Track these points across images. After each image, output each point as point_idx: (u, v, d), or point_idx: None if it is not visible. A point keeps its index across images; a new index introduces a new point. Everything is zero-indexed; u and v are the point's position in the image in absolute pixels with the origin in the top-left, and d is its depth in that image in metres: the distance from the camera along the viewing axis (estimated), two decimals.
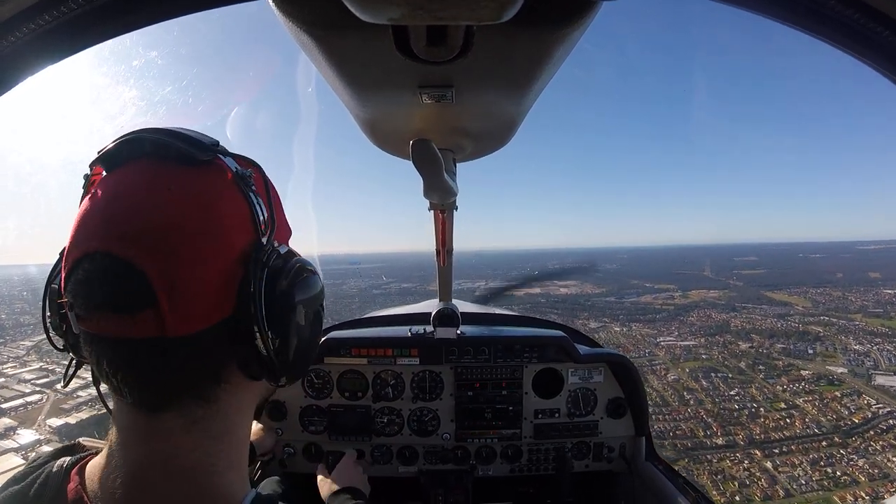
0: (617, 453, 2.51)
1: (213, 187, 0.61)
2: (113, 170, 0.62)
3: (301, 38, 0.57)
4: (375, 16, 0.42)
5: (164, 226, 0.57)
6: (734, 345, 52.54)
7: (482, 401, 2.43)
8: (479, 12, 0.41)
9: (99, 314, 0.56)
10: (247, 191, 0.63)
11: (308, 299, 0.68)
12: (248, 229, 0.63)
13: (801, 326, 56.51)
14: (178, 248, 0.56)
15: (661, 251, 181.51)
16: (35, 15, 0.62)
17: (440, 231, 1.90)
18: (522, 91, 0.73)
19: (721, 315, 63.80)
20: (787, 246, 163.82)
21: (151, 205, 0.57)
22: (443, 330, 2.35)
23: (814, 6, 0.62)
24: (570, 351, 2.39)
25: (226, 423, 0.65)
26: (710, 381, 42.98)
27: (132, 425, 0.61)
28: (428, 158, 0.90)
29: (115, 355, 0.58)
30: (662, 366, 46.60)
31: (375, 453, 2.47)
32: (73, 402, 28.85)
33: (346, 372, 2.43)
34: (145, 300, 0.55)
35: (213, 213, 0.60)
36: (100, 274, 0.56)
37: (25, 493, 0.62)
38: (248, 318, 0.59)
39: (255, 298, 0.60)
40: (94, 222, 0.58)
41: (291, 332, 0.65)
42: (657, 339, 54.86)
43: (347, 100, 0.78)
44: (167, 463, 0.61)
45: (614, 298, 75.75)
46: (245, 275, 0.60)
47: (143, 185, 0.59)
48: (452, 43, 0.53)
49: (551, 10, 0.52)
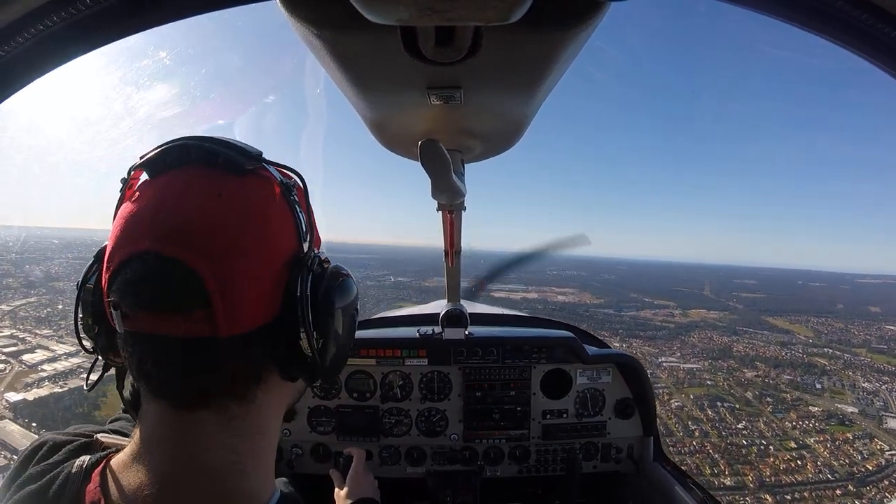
0: (625, 454, 2.49)
1: (261, 196, 0.64)
2: (157, 175, 0.63)
3: (309, 38, 0.58)
4: (384, 17, 0.42)
5: (216, 229, 0.58)
6: (739, 372, 50.74)
7: (490, 401, 2.43)
8: (487, 13, 0.41)
9: (148, 313, 0.57)
10: (291, 200, 0.66)
11: (346, 304, 0.71)
12: (293, 237, 0.66)
13: (806, 357, 55.04)
14: (230, 252, 0.58)
15: (659, 266, 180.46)
16: (43, 16, 0.63)
17: (448, 232, 1.89)
18: (530, 92, 0.73)
19: (723, 338, 62.25)
20: (786, 272, 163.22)
21: (203, 209, 0.59)
22: (451, 331, 2.36)
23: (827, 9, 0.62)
24: (578, 351, 2.40)
25: (259, 422, 0.67)
26: (717, 411, 40.91)
27: (165, 424, 0.62)
28: (436, 159, 0.88)
29: (160, 354, 0.59)
30: (665, 390, 44.22)
31: (383, 454, 2.47)
32: (36, 376, 27.02)
33: (355, 372, 2.43)
34: (198, 300, 0.56)
35: (262, 220, 0.62)
36: (152, 273, 0.57)
37: (44, 493, 0.61)
38: (293, 321, 0.62)
39: (303, 302, 0.62)
40: (143, 224, 0.59)
41: (331, 334, 0.67)
42: (659, 358, 52.87)
43: (356, 100, 0.79)
44: (195, 461, 0.61)
45: (613, 311, 74.85)
46: (290, 279, 0.63)
47: (193, 190, 0.61)
48: (461, 44, 0.53)
49: (559, 11, 0.51)
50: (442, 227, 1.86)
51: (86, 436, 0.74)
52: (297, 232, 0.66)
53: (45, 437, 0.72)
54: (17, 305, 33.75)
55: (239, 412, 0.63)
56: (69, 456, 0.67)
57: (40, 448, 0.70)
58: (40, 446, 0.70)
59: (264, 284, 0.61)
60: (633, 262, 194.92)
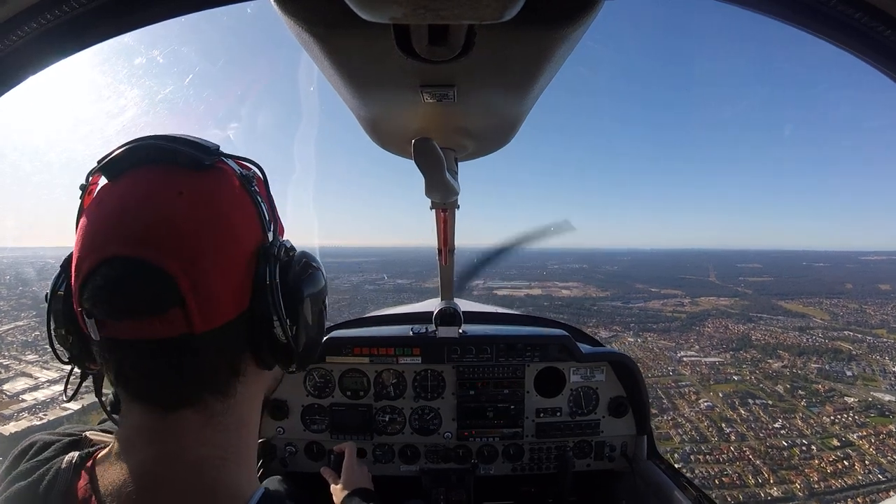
0: (619, 452, 2.49)
1: (221, 190, 0.64)
2: (116, 178, 0.63)
3: (303, 37, 0.57)
4: (377, 15, 0.42)
5: (181, 228, 0.58)
6: (764, 363, 48.21)
7: (484, 400, 2.43)
8: (480, 11, 0.41)
9: (124, 318, 0.57)
10: (251, 191, 0.67)
11: (315, 292, 0.72)
12: (256, 227, 0.66)
13: (828, 342, 52.77)
14: (198, 249, 0.58)
15: (661, 255, 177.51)
16: (36, 14, 0.62)
17: (442, 230, 1.90)
18: (524, 90, 0.73)
19: (738, 326, 60.01)
20: (790, 254, 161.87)
21: (166, 208, 0.59)
22: (445, 329, 2.37)
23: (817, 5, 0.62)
24: (571, 350, 2.40)
25: (240, 415, 0.67)
26: (749, 410, 38.19)
27: (146, 426, 0.62)
28: (430, 157, 0.90)
29: (139, 358, 0.59)
30: (692, 389, 40.99)
31: (377, 452, 2.46)
32: (16, 406, 25.09)
33: (348, 371, 2.43)
34: (172, 299, 0.56)
35: (226, 214, 0.63)
36: (123, 278, 0.56)
37: (34, 489, 0.61)
38: (266, 309, 0.63)
39: (273, 290, 0.63)
40: (107, 229, 0.59)
41: (302, 320, 0.69)
42: (677, 353, 50.14)
43: (349, 99, 0.79)
44: (178, 458, 0.62)
45: (621, 303, 72.64)
46: (258, 269, 0.64)
47: (154, 190, 0.60)
48: (454, 42, 0.53)
49: (553, 10, 0.51)
50: (436, 226, 1.87)
51: (74, 434, 0.74)
52: (261, 222, 0.67)
53: (34, 437, 0.73)
54: (5, 330, 32.26)
55: (220, 408, 0.64)
56: (58, 453, 0.67)
57: (31, 447, 0.70)
58: (31, 445, 0.71)
59: (234, 277, 0.62)
60: (634, 252, 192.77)
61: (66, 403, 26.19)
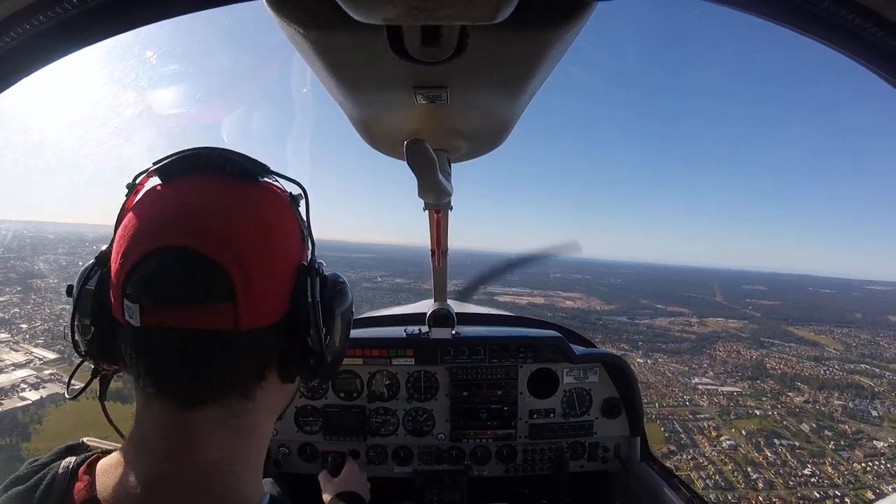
0: (612, 453, 2.47)
1: (272, 203, 0.68)
2: (170, 180, 0.66)
3: (295, 38, 0.57)
4: (370, 16, 0.42)
5: (238, 229, 0.61)
6: (785, 396, 45.08)
7: (477, 401, 2.43)
8: (473, 12, 0.41)
9: (172, 305, 0.58)
10: (297, 210, 0.71)
11: (345, 308, 0.76)
12: (298, 243, 0.70)
13: (847, 376, 49.96)
14: (251, 250, 0.61)
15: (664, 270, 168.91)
16: (30, 16, 0.62)
17: (435, 231, 1.90)
18: (517, 91, 0.73)
19: (751, 351, 57.44)
20: (794, 277, 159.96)
21: (224, 209, 0.62)
22: (438, 330, 2.36)
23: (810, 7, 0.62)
24: (565, 351, 2.40)
25: (255, 421, 0.68)
26: (776, 451, 34.75)
27: (164, 424, 0.62)
28: (422, 159, 0.89)
29: (173, 348, 0.59)
30: (712, 424, 37.31)
31: (370, 453, 2.43)
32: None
33: (342, 372, 2.42)
34: (224, 293, 0.58)
35: (275, 226, 0.66)
36: (177, 264, 0.58)
37: (30, 494, 0.61)
38: (303, 320, 0.66)
39: (314, 303, 0.66)
40: (163, 221, 0.60)
41: (334, 334, 0.72)
42: (691, 378, 46.91)
43: (342, 100, 0.78)
44: (190, 459, 0.62)
45: (626, 318, 69.31)
46: (299, 282, 0.67)
47: (213, 192, 0.63)
48: (447, 43, 0.53)
49: (546, 11, 0.51)
50: (429, 227, 1.88)
51: (72, 441, 0.76)
52: (302, 240, 0.71)
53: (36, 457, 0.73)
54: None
55: (239, 409, 0.65)
56: (55, 458, 0.68)
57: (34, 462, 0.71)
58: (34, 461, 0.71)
59: (279, 284, 0.65)
60: (635, 266, 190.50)
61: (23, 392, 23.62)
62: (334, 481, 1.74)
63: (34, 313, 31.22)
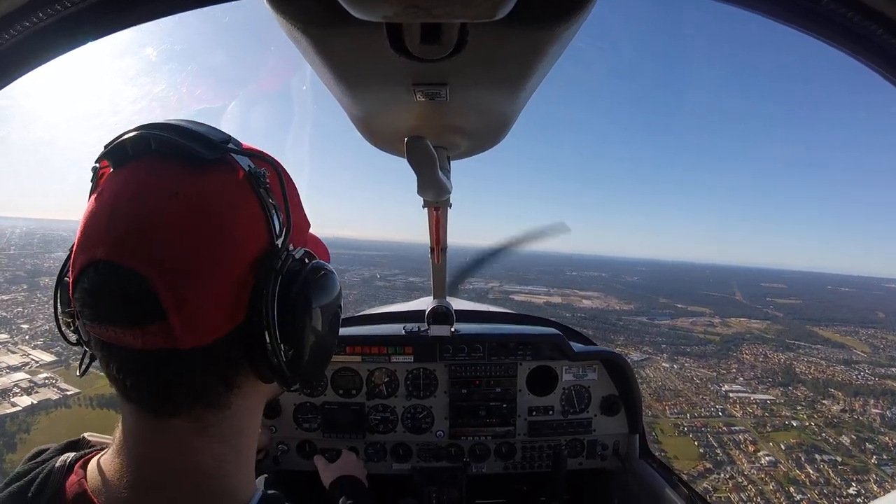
0: (611, 451, 2.46)
1: (222, 191, 0.59)
2: (119, 166, 0.60)
3: (295, 35, 0.57)
4: (370, 13, 0.41)
5: (172, 235, 0.55)
6: (820, 404, 42.29)
7: (476, 398, 2.44)
8: (473, 10, 0.41)
9: (106, 325, 0.55)
10: (260, 191, 0.60)
11: (325, 304, 0.66)
12: (262, 233, 0.60)
13: (880, 381, 47.03)
14: (188, 260, 0.55)
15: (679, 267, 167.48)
16: (30, 13, 0.62)
17: (434, 229, 1.91)
18: (516, 89, 0.73)
19: (778, 354, 55.08)
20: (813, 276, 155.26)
21: (158, 211, 0.55)
22: (437, 328, 2.36)
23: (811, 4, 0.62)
24: (564, 348, 2.40)
25: (236, 425, 0.65)
26: (817, 468, 32.30)
27: (140, 427, 0.61)
28: (422, 156, 0.91)
29: (123, 363, 0.57)
30: (747, 437, 35.23)
31: (369, 451, 2.45)
32: None
33: (341, 369, 2.43)
34: (153, 314, 0.53)
35: (224, 221, 0.57)
36: (106, 285, 0.55)
37: (27, 488, 0.62)
38: (259, 327, 0.58)
39: (267, 308, 0.58)
40: (100, 226, 0.56)
41: (306, 337, 0.63)
42: (721, 385, 44.64)
43: (341, 97, 0.78)
44: (174, 464, 0.60)
45: (646, 318, 67.22)
46: (257, 281, 0.58)
47: (148, 189, 0.56)
48: (446, 40, 0.53)
49: (545, 8, 0.51)
50: (427, 224, 1.88)
51: (73, 437, 0.76)
52: (268, 226, 0.60)
53: (39, 447, 0.74)
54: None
55: (213, 420, 0.61)
56: (55, 454, 0.68)
57: (38, 454, 0.71)
58: (36, 454, 0.71)
59: (227, 291, 0.57)
60: (651, 263, 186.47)
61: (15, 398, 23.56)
62: (332, 466, 1.80)
63: (37, 312, 31.03)
